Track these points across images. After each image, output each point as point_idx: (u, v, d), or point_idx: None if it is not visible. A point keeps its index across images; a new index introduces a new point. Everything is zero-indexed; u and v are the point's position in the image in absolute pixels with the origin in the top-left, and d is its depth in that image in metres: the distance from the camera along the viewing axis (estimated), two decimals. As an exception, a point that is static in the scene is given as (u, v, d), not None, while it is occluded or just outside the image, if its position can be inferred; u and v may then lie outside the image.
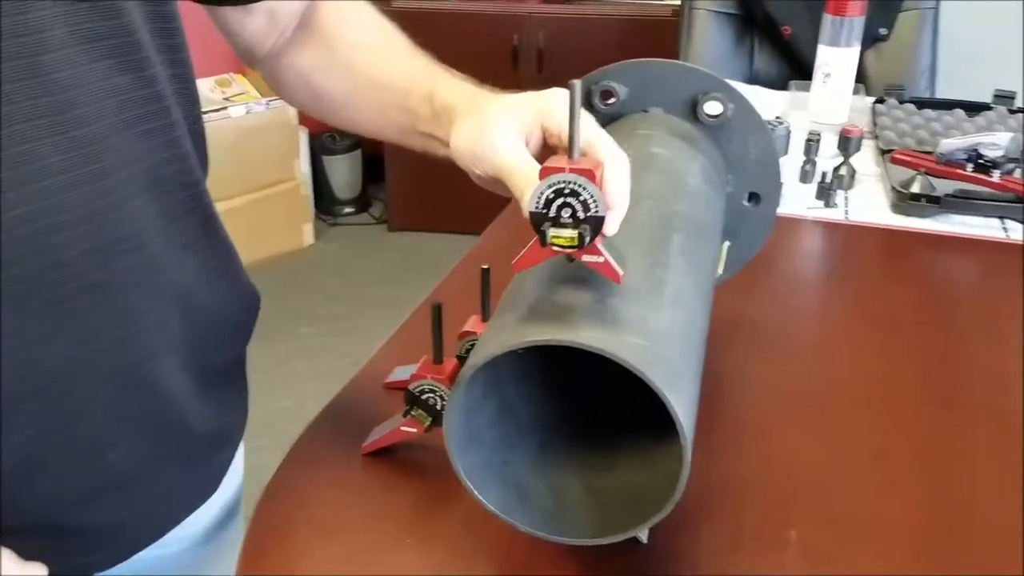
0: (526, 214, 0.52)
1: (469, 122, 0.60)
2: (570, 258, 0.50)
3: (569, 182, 0.48)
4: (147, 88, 0.55)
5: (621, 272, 0.50)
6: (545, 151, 0.60)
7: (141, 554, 0.67)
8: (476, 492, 0.54)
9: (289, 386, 2.23)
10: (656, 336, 0.51)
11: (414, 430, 0.69)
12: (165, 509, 0.66)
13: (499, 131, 0.58)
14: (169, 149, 0.58)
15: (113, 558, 0.64)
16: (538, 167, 0.55)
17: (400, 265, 2.87)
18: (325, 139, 3.02)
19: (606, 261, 0.49)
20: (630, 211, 0.53)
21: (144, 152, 0.56)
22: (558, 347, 0.52)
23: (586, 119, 0.56)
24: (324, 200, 3.11)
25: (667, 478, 0.53)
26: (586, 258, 0.49)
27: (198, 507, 0.70)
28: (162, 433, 0.62)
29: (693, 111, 0.78)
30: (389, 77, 0.70)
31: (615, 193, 0.51)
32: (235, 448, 0.74)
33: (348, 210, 3.15)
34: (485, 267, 0.70)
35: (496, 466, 0.57)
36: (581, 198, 0.48)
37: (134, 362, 0.57)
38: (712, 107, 0.77)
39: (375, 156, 3.01)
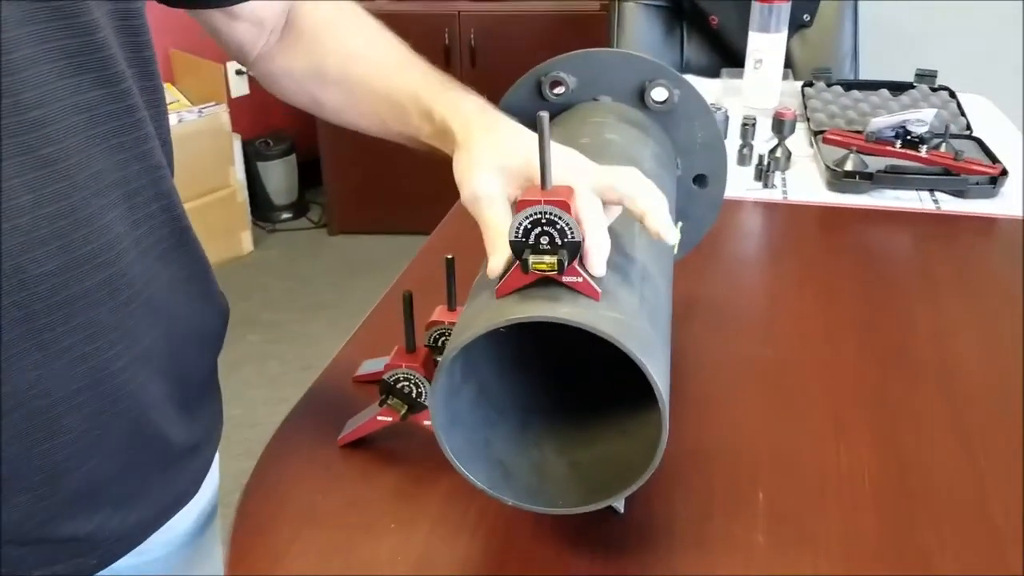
0: (490, 273, 0.54)
1: (462, 158, 0.61)
2: (550, 280, 0.52)
3: (545, 212, 0.51)
4: (119, 102, 0.55)
5: (599, 290, 0.52)
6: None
7: (119, 563, 0.66)
8: (463, 469, 0.56)
9: (238, 394, 2.20)
10: (629, 310, 0.53)
11: (390, 419, 0.70)
12: (142, 518, 0.65)
13: (483, 183, 0.58)
14: (142, 161, 0.57)
15: (90, 568, 0.63)
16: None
17: (342, 268, 2.86)
18: (259, 145, 2.99)
19: (585, 280, 0.52)
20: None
21: (116, 165, 0.55)
22: (532, 329, 0.54)
23: (610, 170, 0.58)
24: (261, 206, 3.07)
25: (645, 446, 0.56)
26: (566, 279, 0.52)
27: (175, 514, 0.70)
28: (138, 444, 0.61)
29: (641, 98, 0.80)
30: (387, 90, 0.69)
31: (586, 231, 0.52)
32: (212, 455, 0.74)
33: (286, 215, 3.11)
34: (449, 256, 0.72)
35: (479, 445, 0.58)
36: (558, 227, 0.51)
37: (106, 376, 0.56)
38: (659, 93, 0.80)
39: (311, 160, 2.98)
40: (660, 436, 0.52)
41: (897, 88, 1.38)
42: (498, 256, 0.54)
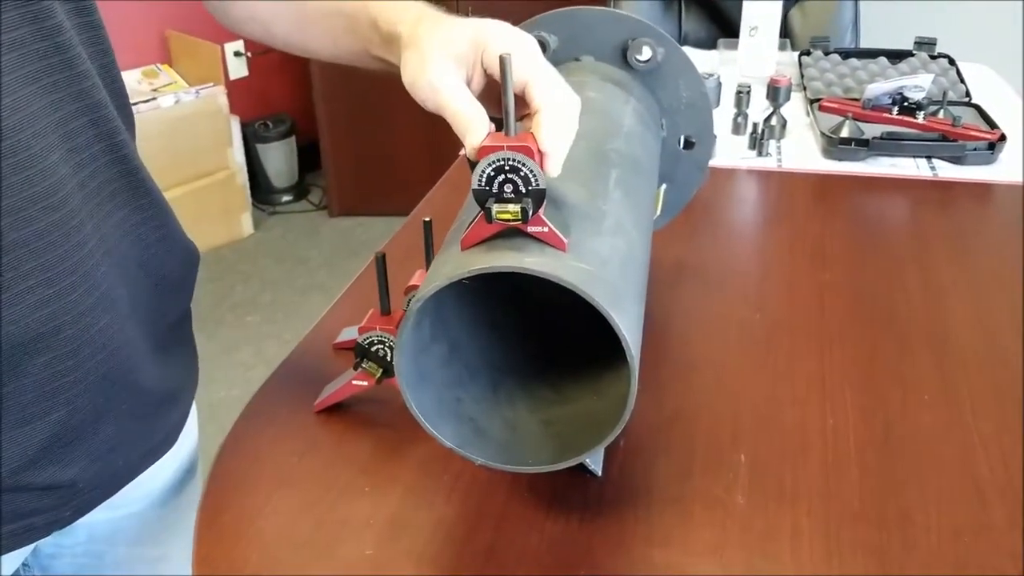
0: (470, 154, 0.52)
1: (411, 56, 0.59)
2: (515, 231, 0.51)
3: (508, 159, 0.49)
4: (48, 39, 0.53)
5: (566, 240, 0.51)
6: (489, 84, 0.59)
7: (95, 518, 0.66)
8: (430, 427, 0.55)
9: (236, 375, 2.20)
10: (598, 261, 0.52)
11: (365, 383, 0.69)
12: (116, 466, 0.65)
13: (438, 71, 0.56)
14: (79, 100, 0.56)
15: (64, 518, 0.63)
16: (477, 105, 0.55)
17: (342, 250, 2.85)
18: (258, 127, 2.97)
19: (551, 231, 0.51)
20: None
21: (52, 106, 0.54)
22: (504, 284, 0.53)
23: (526, 56, 0.56)
24: (261, 189, 3.06)
25: (618, 403, 0.55)
26: (531, 229, 0.51)
27: (150, 465, 0.69)
28: (110, 391, 0.61)
29: (624, 57, 0.79)
30: (337, 4, 0.67)
31: (548, 139, 0.51)
32: (187, 408, 0.74)
33: (286, 198, 3.10)
34: (427, 219, 0.70)
35: (449, 403, 0.57)
36: (521, 174, 0.50)
37: (68, 321, 0.56)
38: (642, 52, 0.78)
39: (310, 142, 2.97)
40: (629, 391, 0.51)
41: (896, 56, 1.36)
42: (474, 134, 0.52)
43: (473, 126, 0.53)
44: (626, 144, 0.68)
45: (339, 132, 2.84)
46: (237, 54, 2.89)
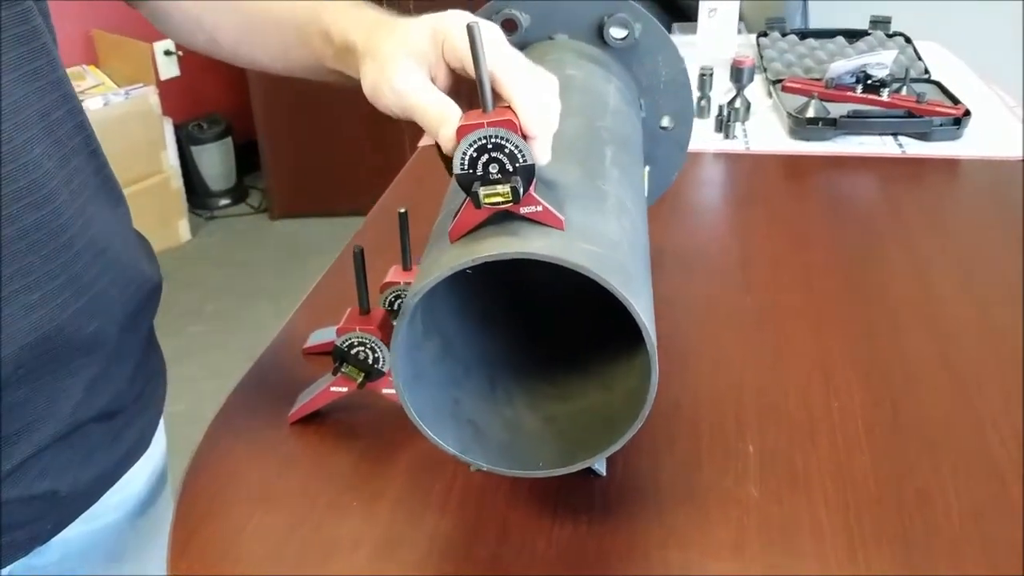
0: (447, 150, 0.48)
1: (371, 66, 0.55)
2: (508, 214, 0.47)
3: (490, 136, 0.45)
4: (24, 24, 0.50)
5: (562, 217, 0.47)
6: (457, 79, 0.56)
7: (69, 534, 0.62)
8: (430, 432, 0.50)
9: (182, 389, 2.09)
10: (607, 243, 0.48)
11: (345, 389, 0.64)
12: (93, 474, 0.61)
13: (400, 74, 0.53)
14: (58, 89, 0.53)
15: (47, 532, 0.59)
16: (446, 98, 0.51)
17: (285, 253, 2.76)
18: (192, 128, 2.86)
19: (545, 209, 0.46)
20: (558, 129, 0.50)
21: (35, 95, 0.50)
22: (495, 276, 0.48)
23: (489, 44, 0.51)
24: (198, 193, 2.95)
25: (628, 397, 0.51)
26: (524, 210, 0.46)
27: (126, 470, 0.66)
28: (94, 395, 0.58)
29: (600, 35, 0.75)
30: (282, 12, 0.63)
31: (530, 123, 0.47)
32: (159, 412, 0.71)
33: (224, 202, 3.00)
34: (402, 210, 0.66)
35: (446, 404, 0.53)
36: (506, 150, 0.45)
37: (55, 329, 0.52)
38: (618, 30, 0.75)
39: (248, 143, 2.88)
40: (649, 382, 0.47)
41: (852, 35, 1.35)
42: (448, 125, 0.48)
43: (445, 115, 0.49)
44: (614, 122, 0.64)
45: (277, 131, 2.75)
46: (168, 53, 2.78)
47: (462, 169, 0.46)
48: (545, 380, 0.58)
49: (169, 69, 2.82)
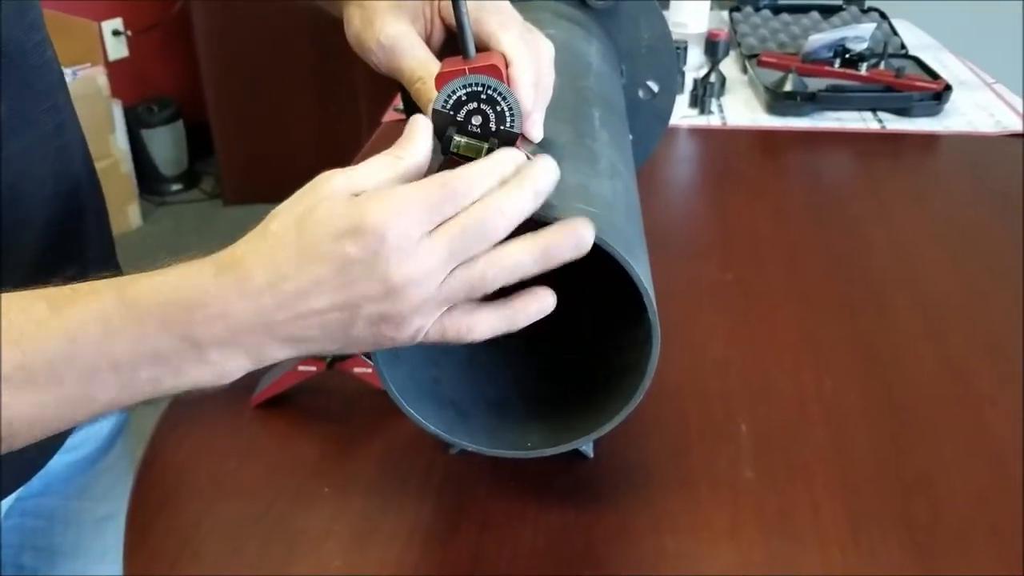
0: (422, 102, 0.44)
1: (355, 12, 0.50)
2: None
3: (490, 87, 0.41)
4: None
5: None
6: (451, 39, 0.51)
7: (50, 465, 0.62)
8: (412, 411, 0.46)
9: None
10: (603, 204, 0.44)
11: (313, 369, 0.60)
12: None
13: (389, 29, 0.48)
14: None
15: (21, 475, 0.59)
16: (434, 58, 0.46)
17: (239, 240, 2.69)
18: (141, 111, 2.76)
19: None
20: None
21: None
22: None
23: (488, 7, 0.47)
24: (148, 178, 2.84)
25: (620, 370, 0.47)
26: None
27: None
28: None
29: (579, -4, 0.71)
30: None
31: (527, 98, 0.43)
32: None
33: (176, 187, 2.90)
34: None
35: (426, 384, 0.49)
36: (499, 108, 0.41)
37: None
38: (598, -10, 0.71)
39: (200, 126, 2.78)
40: (650, 354, 0.44)
41: (827, 10, 1.33)
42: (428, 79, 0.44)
43: (431, 71, 0.44)
44: (598, 84, 0.60)
45: (230, 114, 2.66)
46: (116, 33, 2.68)
47: (444, 107, 0.41)
48: (530, 357, 0.54)
49: (118, 49, 2.72)
